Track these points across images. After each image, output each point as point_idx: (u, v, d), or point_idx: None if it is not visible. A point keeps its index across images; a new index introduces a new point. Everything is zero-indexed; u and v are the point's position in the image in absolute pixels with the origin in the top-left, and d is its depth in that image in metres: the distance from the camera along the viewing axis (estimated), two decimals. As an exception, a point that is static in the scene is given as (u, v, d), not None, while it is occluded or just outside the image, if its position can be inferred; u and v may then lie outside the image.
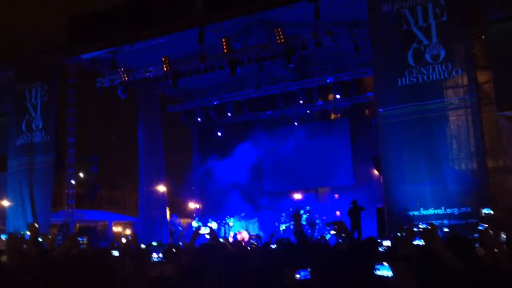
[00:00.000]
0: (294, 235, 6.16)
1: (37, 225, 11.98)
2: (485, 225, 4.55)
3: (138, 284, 3.76)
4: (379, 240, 8.28)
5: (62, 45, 18.13)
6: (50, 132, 18.00)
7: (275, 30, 15.58)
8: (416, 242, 3.55)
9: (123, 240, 7.23)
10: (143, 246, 7.08)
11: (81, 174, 26.57)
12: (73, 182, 18.52)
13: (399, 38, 13.40)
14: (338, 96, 20.31)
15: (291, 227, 19.16)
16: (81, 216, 22.93)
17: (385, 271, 2.49)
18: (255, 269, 3.25)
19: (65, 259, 4.55)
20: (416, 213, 12.77)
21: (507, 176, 12.96)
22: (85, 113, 21.11)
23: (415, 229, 5.25)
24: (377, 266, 2.52)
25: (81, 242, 6.19)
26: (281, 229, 19.53)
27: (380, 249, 4.56)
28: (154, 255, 4.24)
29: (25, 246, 5.60)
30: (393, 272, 2.47)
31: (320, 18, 14.56)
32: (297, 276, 2.78)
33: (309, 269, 2.76)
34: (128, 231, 28.67)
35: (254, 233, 19.13)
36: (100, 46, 17.63)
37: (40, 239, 8.05)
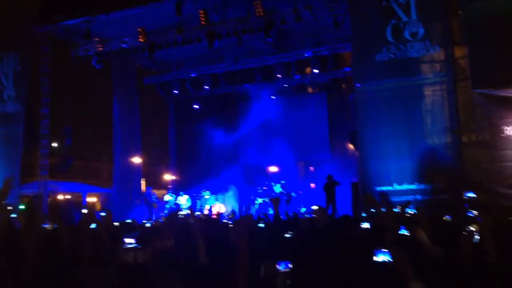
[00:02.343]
0: (274, 219, 6.23)
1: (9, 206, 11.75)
2: (474, 212, 4.63)
3: (110, 269, 3.72)
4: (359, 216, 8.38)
5: (35, 13, 17.60)
6: (22, 102, 17.59)
7: (254, 3, 15.38)
8: (402, 232, 3.58)
9: (84, 211, 7.03)
10: (116, 224, 7.00)
11: (55, 145, 26.19)
12: (46, 153, 18.23)
13: (378, 14, 13.38)
14: (316, 71, 20.26)
15: (268, 201, 19.30)
16: (54, 188, 22.67)
17: (383, 256, 2.53)
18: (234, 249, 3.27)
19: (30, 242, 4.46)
20: (390, 188, 12.96)
21: (480, 151, 13.16)
22: (60, 83, 20.70)
23: (395, 210, 5.32)
24: (376, 252, 2.56)
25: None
26: (256, 202, 19.63)
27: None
28: (127, 240, 4.19)
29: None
30: (391, 257, 2.50)
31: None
32: (279, 267, 2.79)
33: (289, 261, 2.78)
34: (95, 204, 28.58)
35: (230, 206, 19.27)
36: (74, 15, 17.16)
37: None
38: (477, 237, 3.55)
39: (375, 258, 2.55)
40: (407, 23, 13.03)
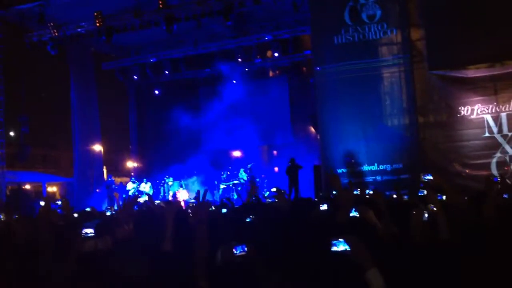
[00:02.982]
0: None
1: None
2: (424, 191, 4.75)
3: (68, 259, 3.65)
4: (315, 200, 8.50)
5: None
6: (-25, 91, 17.05)
7: (213, -15, 15.22)
8: (352, 214, 3.65)
9: (42, 203, 6.89)
10: (75, 215, 6.88)
11: (12, 134, 25.50)
12: (2, 142, 17.75)
13: (336, -4, 13.45)
14: (276, 54, 20.28)
15: (231, 186, 19.35)
16: (12, 178, 22.09)
17: (341, 246, 2.56)
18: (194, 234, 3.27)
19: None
20: (351, 170, 13.17)
21: (437, 131, 13.51)
22: (14, 70, 20.09)
23: (355, 192, 5.39)
24: (334, 243, 2.59)
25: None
26: (220, 187, 19.66)
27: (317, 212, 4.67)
28: (86, 230, 4.12)
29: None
30: (349, 247, 2.54)
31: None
32: (235, 251, 2.80)
33: (245, 245, 2.78)
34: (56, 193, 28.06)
35: (194, 192, 19.19)
36: (27, -2, 16.61)
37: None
38: (426, 215, 3.65)
39: (333, 248, 2.59)
40: (364, 5, 13.16)
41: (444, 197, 4.29)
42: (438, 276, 2.66)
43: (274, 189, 5.35)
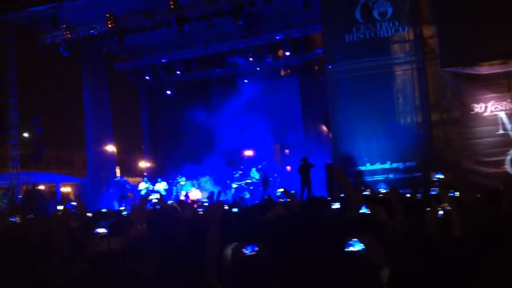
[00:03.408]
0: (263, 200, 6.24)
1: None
2: (436, 190, 4.72)
3: (80, 260, 3.68)
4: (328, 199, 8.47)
5: (-1, 1, 17.15)
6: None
7: (223, -15, 15.24)
8: (362, 211, 3.64)
9: (60, 207, 6.98)
10: (89, 214, 6.94)
11: (26, 135, 25.72)
12: (17, 143, 17.92)
13: (347, -6, 13.39)
14: (287, 53, 20.24)
15: (243, 185, 19.36)
16: (27, 179, 22.29)
17: (357, 246, 2.56)
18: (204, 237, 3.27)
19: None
20: (363, 168, 13.12)
21: (450, 129, 13.39)
22: (28, 72, 20.28)
23: (365, 193, 5.38)
24: (349, 242, 2.58)
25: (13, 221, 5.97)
26: (233, 186, 19.67)
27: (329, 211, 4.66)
28: (99, 230, 4.15)
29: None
30: (363, 246, 2.54)
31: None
32: (245, 251, 2.79)
33: (256, 244, 2.78)
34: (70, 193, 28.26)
35: (207, 191, 19.23)
36: (40, 1, 16.74)
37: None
38: (440, 212, 3.62)
39: (348, 248, 2.58)
40: (375, 2, 13.09)
41: (457, 193, 4.26)
42: (450, 273, 2.64)
43: (281, 190, 5.36)
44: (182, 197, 18.97)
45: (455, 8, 12.61)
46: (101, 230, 4.16)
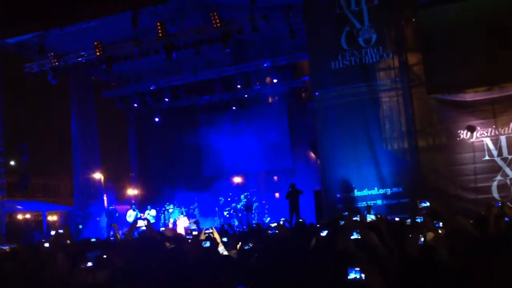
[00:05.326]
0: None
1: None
2: (421, 218, 4.75)
3: (72, 284, 3.62)
4: (317, 225, 8.45)
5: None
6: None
7: (211, 14, 15.39)
8: (354, 237, 3.65)
9: (53, 232, 6.94)
10: (75, 242, 6.85)
11: (12, 163, 25.46)
12: (3, 172, 17.71)
13: (333, 22, 13.55)
14: (275, 80, 20.40)
15: (232, 212, 19.29)
16: (12, 207, 22.02)
17: (355, 274, 2.56)
18: (192, 269, 3.23)
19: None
20: (351, 194, 13.10)
21: (437, 155, 13.47)
22: (14, 99, 20.19)
23: (355, 218, 5.38)
24: (350, 270, 2.59)
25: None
26: (224, 213, 19.62)
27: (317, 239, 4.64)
28: (86, 262, 4.09)
29: None
30: (364, 276, 2.54)
31: (256, 2, 14.50)
32: None
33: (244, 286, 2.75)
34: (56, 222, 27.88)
35: (194, 219, 19.10)
36: (27, 29, 16.76)
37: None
38: (422, 239, 3.65)
39: (349, 276, 2.59)
40: (360, 29, 13.25)
41: (441, 223, 4.29)
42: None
43: (274, 224, 5.35)
44: (170, 225, 18.80)
45: (440, 36, 12.82)
46: (88, 262, 4.10)
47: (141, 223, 6.45)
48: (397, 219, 7.69)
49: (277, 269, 3.56)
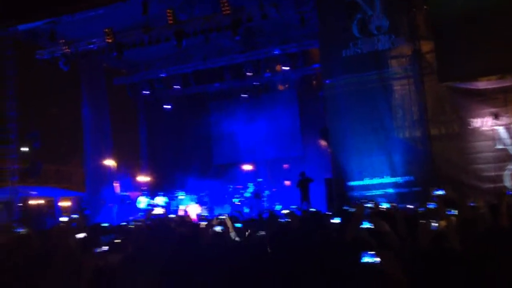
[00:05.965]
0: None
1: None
2: (434, 204, 4.74)
3: (84, 269, 3.66)
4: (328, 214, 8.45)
5: (-4, 16, 17.20)
6: (-12, 107, 17.26)
7: (221, 1, 15.31)
8: (365, 226, 3.66)
9: (63, 219, 7.02)
10: (88, 227, 6.91)
11: (24, 149, 25.64)
12: (15, 158, 17.89)
13: (344, 9, 13.47)
14: (285, 68, 20.31)
15: (242, 200, 19.37)
16: (25, 193, 22.23)
17: (369, 258, 2.56)
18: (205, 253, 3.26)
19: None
20: (361, 183, 13.10)
21: (448, 143, 13.42)
22: (27, 86, 20.29)
23: (367, 205, 5.38)
24: (364, 254, 2.59)
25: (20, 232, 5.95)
26: (234, 201, 19.68)
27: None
28: (99, 246, 4.15)
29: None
30: (380, 261, 2.54)
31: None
32: None
33: None
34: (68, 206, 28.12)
35: (205, 206, 19.20)
36: (38, 16, 16.82)
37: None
38: (434, 225, 3.64)
39: (363, 260, 2.59)
40: (371, 16, 13.16)
41: (455, 211, 4.28)
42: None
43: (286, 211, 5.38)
44: (181, 212, 18.89)
45: (452, 24, 12.69)
46: (101, 245, 4.16)
47: (158, 210, 6.50)
48: (410, 206, 7.68)
49: (288, 257, 3.58)
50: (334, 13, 13.70)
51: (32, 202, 24.44)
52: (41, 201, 26.32)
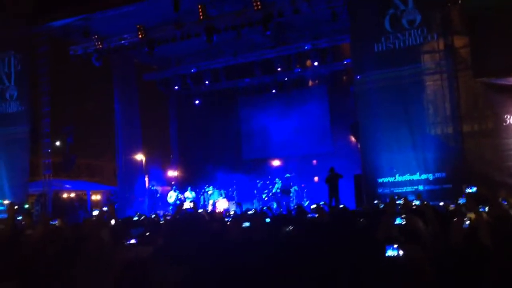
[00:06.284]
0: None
1: (16, 206, 11.69)
2: (464, 199, 4.66)
3: (115, 261, 3.72)
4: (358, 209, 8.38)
5: (31, 13, 17.55)
6: (25, 102, 17.63)
7: (252, -4, 15.32)
8: (397, 222, 3.61)
9: (95, 213, 7.15)
10: (119, 220, 7.03)
11: (59, 144, 26.21)
12: (49, 152, 18.27)
13: (376, 4, 13.32)
14: (316, 63, 20.21)
15: (270, 195, 19.39)
16: (59, 186, 22.73)
17: (393, 251, 2.54)
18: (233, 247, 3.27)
19: (35, 243, 4.47)
20: (392, 179, 12.95)
21: (482, 140, 13.15)
22: (60, 82, 20.70)
23: (398, 202, 5.31)
24: (387, 247, 2.57)
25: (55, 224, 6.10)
26: (263, 196, 19.72)
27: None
28: (129, 238, 4.20)
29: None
30: (404, 254, 2.52)
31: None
32: None
33: None
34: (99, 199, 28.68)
35: (234, 201, 19.28)
36: (71, 13, 17.10)
37: (19, 218, 8.00)
38: (467, 222, 3.58)
39: (387, 253, 2.56)
40: (404, 11, 12.97)
41: (486, 208, 4.20)
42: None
43: (313, 206, 5.35)
44: (209, 207, 19.04)
45: (487, 18, 12.40)
46: (131, 238, 4.21)
47: (187, 205, 6.55)
48: (441, 203, 7.56)
49: (316, 253, 3.56)
50: (366, 8, 13.54)
51: (65, 195, 24.99)
52: (73, 195, 26.90)
